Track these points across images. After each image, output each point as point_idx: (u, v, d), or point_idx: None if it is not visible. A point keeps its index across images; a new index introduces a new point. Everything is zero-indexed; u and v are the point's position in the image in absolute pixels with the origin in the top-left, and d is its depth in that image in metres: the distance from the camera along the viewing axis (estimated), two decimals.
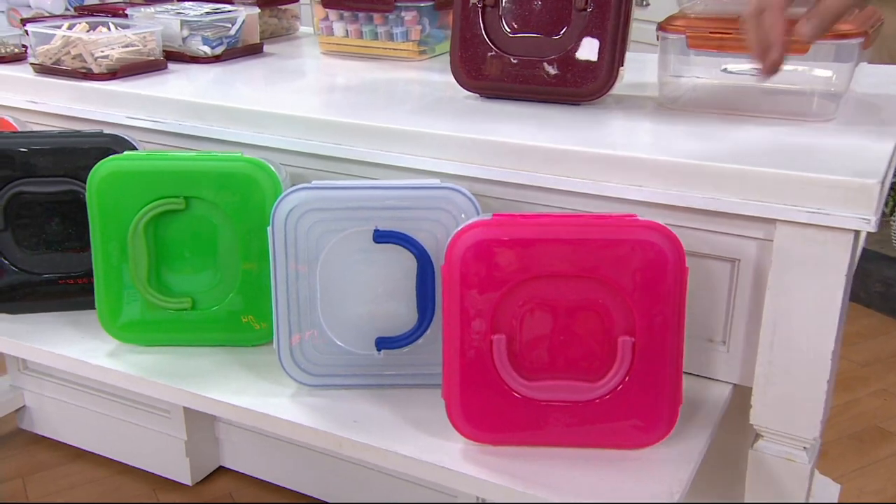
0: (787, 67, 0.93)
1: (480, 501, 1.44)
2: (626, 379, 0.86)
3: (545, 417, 0.87)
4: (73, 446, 1.82)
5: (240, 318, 1.06)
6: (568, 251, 0.84)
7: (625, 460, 0.88)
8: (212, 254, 1.06)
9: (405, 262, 0.96)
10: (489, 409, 0.87)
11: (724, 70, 1.34)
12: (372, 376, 0.98)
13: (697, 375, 1.01)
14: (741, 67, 1.19)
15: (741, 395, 0.99)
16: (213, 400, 0.98)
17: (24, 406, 1.87)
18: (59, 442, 1.84)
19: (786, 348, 0.91)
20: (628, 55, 1.13)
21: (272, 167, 1.04)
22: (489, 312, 0.85)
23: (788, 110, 1.08)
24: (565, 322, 0.86)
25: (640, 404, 0.86)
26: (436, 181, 0.97)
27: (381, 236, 0.94)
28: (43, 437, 1.87)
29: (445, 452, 0.89)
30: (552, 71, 1.12)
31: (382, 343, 0.97)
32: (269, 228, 0.95)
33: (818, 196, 0.85)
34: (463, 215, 0.94)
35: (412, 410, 0.95)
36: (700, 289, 0.98)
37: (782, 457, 0.95)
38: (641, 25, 1.66)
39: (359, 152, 1.05)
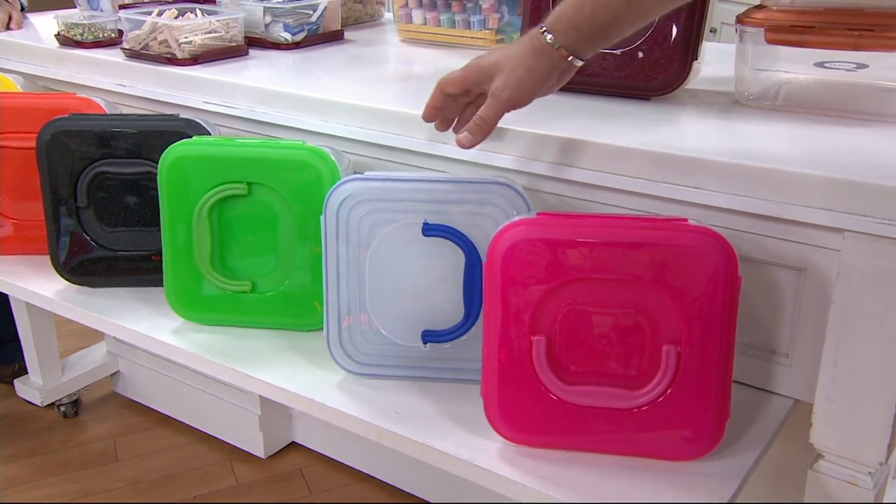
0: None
1: None
2: (670, 389, 0.82)
3: (584, 422, 0.85)
4: (160, 412, 1.91)
5: (296, 303, 1.08)
6: (612, 254, 0.81)
7: (666, 472, 0.84)
8: (272, 239, 1.08)
9: (454, 257, 0.95)
10: (527, 411, 0.86)
11: (819, 65, 1.26)
12: (417, 368, 0.98)
13: (757, 388, 0.97)
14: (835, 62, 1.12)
15: (806, 412, 0.94)
16: (263, 382, 1.00)
17: (118, 371, 1.98)
18: (148, 407, 1.94)
19: (850, 366, 0.86)
20: (714, 46, 1.08)
21: (333, 155, 1.05)
22: (529, 313, 0.83)
23: (886, 111, 1.01)
24: (607, 327, 0.83)
25: (684, 416, 0.83)
26: (487, 175, 0.95)
27: (430, 229, 0.94)
28: (134, 401, 1.97)
29: (482, 451, 0.88)
30: (621, 63, 1.08)
31: (429, 336, 0.97)
32: (321, 217, 0.96)
33: (890, 206, 0.79)
34: (514, 211, 0.93)
35: (454, 406, 0.95)
36: (763, 298, 0.93)
37: (844, 480, 0.90)
38: (733, 7, 1.53)
39: (415, 143, 1.05)
